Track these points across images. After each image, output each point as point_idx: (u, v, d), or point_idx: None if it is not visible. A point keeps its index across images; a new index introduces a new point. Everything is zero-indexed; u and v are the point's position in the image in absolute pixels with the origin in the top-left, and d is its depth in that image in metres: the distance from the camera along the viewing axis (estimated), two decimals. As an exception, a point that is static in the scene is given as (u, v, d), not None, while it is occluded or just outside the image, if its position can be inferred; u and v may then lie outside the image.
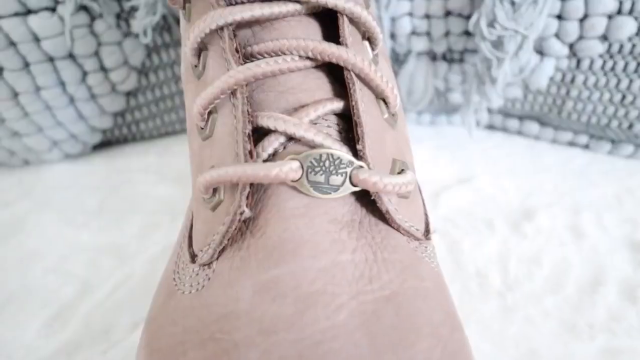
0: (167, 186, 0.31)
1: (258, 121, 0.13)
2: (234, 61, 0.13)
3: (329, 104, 0.13)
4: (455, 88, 0.36)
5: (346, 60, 0.13)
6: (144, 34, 0.31)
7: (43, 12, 0.29)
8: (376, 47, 0.15)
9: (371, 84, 0.13)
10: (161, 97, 0.35)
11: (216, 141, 0.13)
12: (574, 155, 0.35)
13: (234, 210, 0.12)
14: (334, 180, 0.12)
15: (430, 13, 0.33)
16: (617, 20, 0.28)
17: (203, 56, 0.14)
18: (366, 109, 0.13)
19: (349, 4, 0.13)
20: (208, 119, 0.13)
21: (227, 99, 0.13)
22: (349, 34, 0.13)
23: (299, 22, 0.14)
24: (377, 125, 0.13)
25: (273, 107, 0.13)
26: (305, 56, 0.13)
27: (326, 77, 0.14)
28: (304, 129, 0.12)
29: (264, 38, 0.14)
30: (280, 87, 0.13)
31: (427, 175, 0.31)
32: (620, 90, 0.31)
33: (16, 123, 0.31)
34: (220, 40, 0.13)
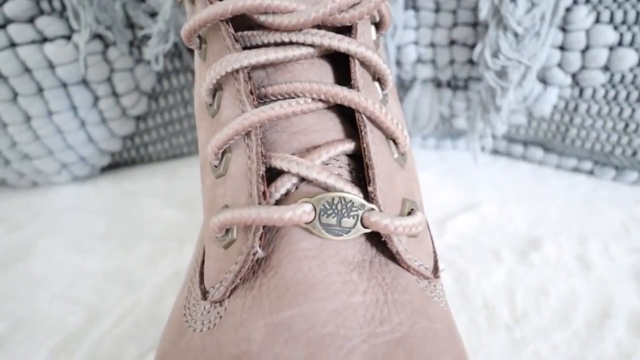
0: (174, 210, 0.31)
1: (271, 162, 0.13)
2: (248, 103, 0.13)
3: (340, 145, 0.13)
4: (459, 114, 0.36)
5: (358, 103, 0.13)
6: (156, 61, 0.31)
7: (59, 40, 0.29)
8: (386, 87, 0.15)
9: (382, 125, 0.14)
10: (170, 121, 0.36)
11: (230, 180, 0.13)
12: (578, 182, 0.35)
13: (247, 250, 0.12)
14: (345, 222, 0.12)
15: (435, 42, 0.34)
16: (618, 51, 0.29)
17: (218, 96, 0.14)
18: (377, 150, 0.13)
19: (360, 48, 0.14)
20: (222, 157, 0.14)
21: (241, 139, 0.13)
22: (360, 76, 0.14)
23: (312, 64, 0.14)
24: (387, 167, 0.14)
25: (286, 147, 0.14)
26: (317, 98, 0.14)
27: (337, 117, 0.14)
28: (316, 171, 0.13)
29: (277, 79, 0.14)
30: (293, 128, 0.14)
31: (432, 202, 0.32)
32: (623, 118, 0.31)
33: (27, 146, 0.32)
34: (235, 81, 0.14)
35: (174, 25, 0.31)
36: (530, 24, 0.29)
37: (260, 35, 0.14)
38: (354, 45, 0.14)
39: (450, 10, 0.32)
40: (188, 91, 0.35)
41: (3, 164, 0.33)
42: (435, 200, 0.32)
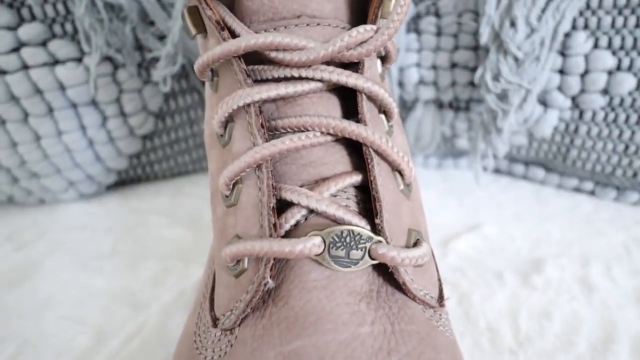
0: (179, 229, 0.31)
1: (282, 194, 0.13)
2: (259, 136, 0.14)
3: (348, 178, 0.14)
4: (461, 134, 0.37)
5: (365, 138, 0.14)
6: (164, 82, 0.32)
7: (70, 63, 0.30)
8: (391, 119, 0.16)
9: (388, 158, 0.14)
10: (176, 140, 0.37)
11: (241, 210, 0.14)
12: (580, 202, 0.35)
13: (258, 280, 0.13)
14: (354, 254, 0.13)
15: (437, 64, 0.34)
16: (616, 76, 0.30)
17: (229, 127, 0.15)
18: (383, 182, 0.14)
19: (367, 83, 0.14)
20: (233, 188, 0.14)
21: (252, 171, 0.14)
22: (367, 110, 0.14)
23: (320, 98, 0.15)
24: (393, 198, 0.14)
25: (295, 179, 0.14)
26: (326, 132, 0.14)
27: (345, 149, 0.15)
28: (325, 204, 0.13)
29: (287, 112, 0.15)
30: (303, 160, 0.14)
31: (435, 222, 0.32)
32: (622, 140, 0.32)
33: (36, 165, 0.33)
34: (246, 114, 0.14)
35: (182, 47, 0.32)
36: (530, 49, 0.29)
37: (271, 69, 0.14)
38: (361, 80, 0.14)
39: (452, 34, 0.33)
40: (194, 111, 0.36)
41: (11, 181, 0.33)
42: (437, 221, 0.32)
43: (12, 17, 0.28)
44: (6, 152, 0.31)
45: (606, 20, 0.29)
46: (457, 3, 0.32)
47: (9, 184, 0.33)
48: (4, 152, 0.31)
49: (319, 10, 0.15)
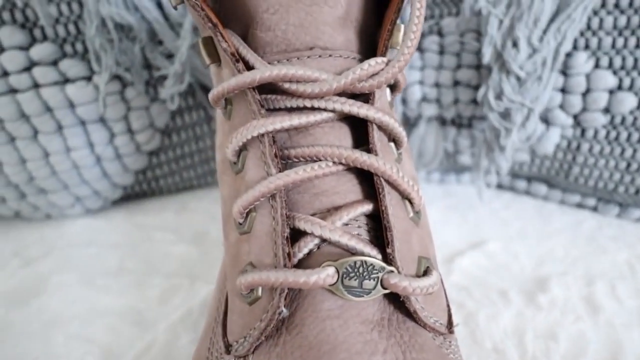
0: (184, 245, 0.32)
1: (295, 223, 0.14)
2: (273, 166, 0.14)
3: (359, 207, 0.14)
4: (464, 151, 0.37)
5: (377, 168, 0.14)
6: (171, 100, 0.33)
7: (80, 81, 0.31)
8: (401, 147, 0.16)
9: (398, 188, 0.14)
10: (181, 155, 0.37)
11: (254, 238, 0.14)
12: (583, 218, 0.35)
13: (272, 309, 0.13)
14: (366, 284, 0.13)
15: (440, 82, 0.35)
16: (617, 95, 0.30)
17: (242, 155, 0.15)
18: (394, 212, 0.14)
19: (378, 114, 0.15)
20: (247, 216, 0.15)
21: (266, 201, 0.14)
22: (378, 140, 0.15)
23: (332, 127, 0.15)
24: (404, 227, 0.14)
25: (308, 207, 0.14)
26: (338, 162, 0.14)
27: (356, 178, 0.15)
28: (338, 234, 0.13)
29: (300, 142, 0.15)
30: (315, 189, 0.14)
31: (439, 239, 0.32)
32: (624, 158, 0.32)
33: (44, 181, 0.33)
34: (260, 144, 0.14)
35: (189, 66, 0.32)
36: (532, 69, 0.30)
37: (284, 99, 0.15)
38: (372, 111, 0.15)
39: (454, 52, 0.34)
40: (200, 127, 0.36)
41: (19, 197, 0.34)
42: (441, 238, 0.32)
43: (24, 37, 0.29)
44: (15, 169, 0.32)
45: (607, 41, 0.29)
46: (459, 23, 0.33)
47: (16, 200, 0.34)
48: (13, 168, 0.32)
49: (330, 42, 0.15)
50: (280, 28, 0.15)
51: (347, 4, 0.16)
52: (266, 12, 0.15)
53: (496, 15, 0.30)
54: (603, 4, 0.29)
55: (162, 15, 0.31)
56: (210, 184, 0.40)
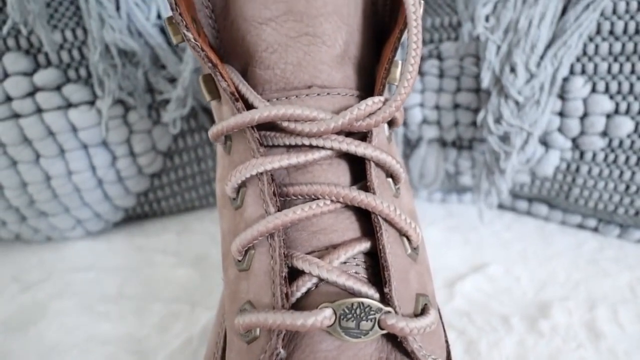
0: (185, 268, 0.32)
1: (293, 262, 0.14)
2: (271, 204, 0.14)
3: (357, 245, 0.14)
4: (465, 172, 0.38)
5: (374, 207, 0.14)
6: (174, 125, 0.33)
7: (83, 106, 0.31)
8: (399, 182, 0.16)
9: (396, 225, 0.15)
10: (183, 177, 0.37)
11: (253, 277, 0.14)
12: (584, 239, 0.35)
13: (270, 350, 0.13)
14: (364, 325, 0.13)
15: (440, 105, 0.35)
16: (615, 119, 0.30)
17: (242, 192, 0.15)
18: (392, 250, 0.14)
19: (375, 152, 0.15)
20: (245, 254, 0.15)
21: (264, 239, 0.14)
22: (375, 177, 0.15)
23: (330, 164, 0.15)
24: (401, 264, 0.14)
25: (306, 245, 0.14)
26: (336, 200, 0.14)
27: (354, 215, 0.15)
28: (336, 275, 0.13)
29: (298, 179, 0.15)
30: (313, 227, 0.15)
31: (440, 261, 0.32)
32: (623, 180, 0.32)
33: (45, 204, 0.33)
34: (259, 182, 0.15)
35: (192, 90, 0.33)
36: (530, 93, 0.30)
37: (283, 137, 0.15)
38: (369, 149, 0.15)
39: (454, 76, 0.34)
40: (202, 149, 0.37)
41: (19, 220, 0.34)
42: (443, 260, 0.32)
43: (28, 63, 0.29)
44: (16, 192, 0.32)
45: (603, 66, 0.30)
46: (458, 48, 0.33)
47: (17, 223, 0.34)
48: (14, 192, 0.32)
49: (329, 80, 0.16)
50: (279, 67, 0.15)
51: (344, 43, 0.16)
52: (265, 51, 0.15)
53: (494, 41, 0.31)
54: (598, 31, 0.29)
55: (165, 41, 0.32)
56: (211, 204, 0.40)
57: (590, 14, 0.29)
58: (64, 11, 0.30)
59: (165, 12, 0.32)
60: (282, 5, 0.15)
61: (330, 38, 0.15)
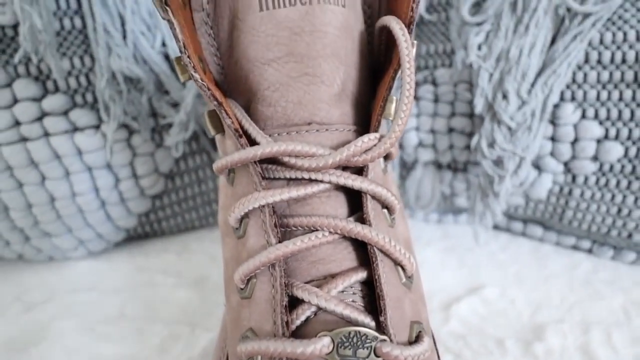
0: (185, 290, 0.32)
1: (293, 291, 0.15)
2: (273, 235, 0.15)
3: (354, 274, 0.15)
4: (460, 194, 0.38)
5: (370, 239, 0.15)
6: (176, 148, 0.34)
7: (89, 130, 0.32)
8: (394, 213, 0.17)
9: (391, 256, 0.15)
10: (184, 198, 0.38)
11: (255, 305, 0.15)
12: (578, 261, 0.36)
13: (271, 377, 0.13)
14: (360, 353, 0.14)
15: (435, 129, 0.36)
16: (604, 144, 0.31)
17: (244, 223, 0.16)
18: (387, 279, 0.15)
19: (371, 185, 0.16)
20: (247, 282, 0.15)
21: (266, 269, 0.15)
22: (371, 209, 0.16)
23: (328, 197, 0.16)
24: (396, 293, 0.15)
25: (305, 275, 0.15)
26: (334, 232, 0.15)
27: (351, 245, 0.16)
28: (334, 304, 0.14)
29: (298, 211, 0.16)
30: (312, 257, 0.15)
31: (436, 283, 0.32)
32: (615, 203, 0.33)
33: (49, 225, 0.34)
34: (261, 214, 0.15)
35: (194, 114, 0.34)
36: (522, 119, 0.31)
37: (284, 170, 0.16)
38: (365, 183, 0.16)
39: (448, 101, 0.35)
40: (202, 170, 0.38)
41: (23, 240, 0.34)
42: (439, 282, 0.33)
43: (37, 89, 0.30)
44: (21, 214, 0.33)
45: (592, 94, 0.31)
46: (452, 74, 0.34)
47: (20, 243, 0.34)
48: (19, 213, 0.33)
49: (327, 117, 0.17)
50: (281, 104, 0.16)
51: (342, 82, 0.17)
52: (267, 89, 0.16)
53: (486, 69, 0.32)
54: (586, 60, 0.31)
55: (169, 67, 0.33)
56: (211, 224, 0.41)
57: (578, 44, 0.30)
58: (73, 39, 0.31)
59: (169, 40, 0.33)
60: (283, 47, 0.16)
61: (329, 78, 0.16)
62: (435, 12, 0.35)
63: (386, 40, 0.18)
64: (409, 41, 0.15)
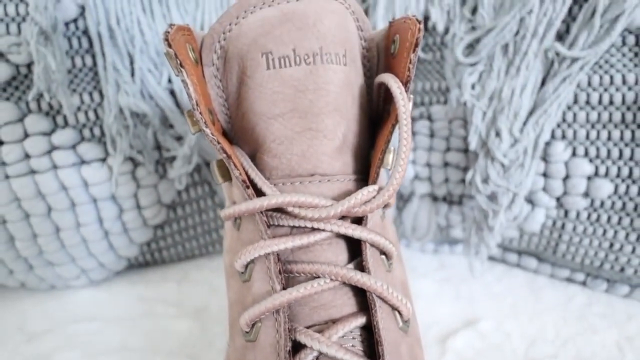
0: (185, 320, 0.32)
1: (296, 336, 0.15)
2: (277, 282, 0.16)
3: (354, 320, 0.16)
4: (456, 225, 0.39)
5: (369, 286, 0.16)
6: (179, 181, 0.35)
7: (95, 163, 0.33)
8: (391, 258, 0.18)
9: (388, 302, 0.16)
10: (185, 228, 0.39)
11: (259, 349, 0.15)
12: (573, 294, 0.36)
13: None
14: (360, 396, 0.14)
15: (431, 162, 0.37)
16: (595, 181, 0.32)
17: (250, 268, 0.17)
18: (385, 324, 0.16)
19: (370, 235, 0.17)
20: (252, 326, 0.16)
21: (270, 315, 0.16)
22: (370, 256, 0.17)
23: (329, 244, 0.17)
24: (394, 338, 0.16)
25: (307, 319, 0.16)
26: (335, 279, 0.16)
27: (351, 291, 0.17)
28: (335, 349, 0.15)
29: (301, 258, 0.17)
30: (314, 303, 0.16)
31: (432, 316, 0.33)
32: (607, 238, 0.34)
33: (52, 254, 0.34)
34: (266, 260, 0.16)
35: (197, 148, 0.35)
36: (514, 157, 0.33)
37: (288, 219, 0.17)
38: (365, 233, 0.16)
39: (444, 137, 0.37)
40: (204, 201, 0.38)
41: (27, 269, 0.35)
42: (435, 315, 0.33)
43: (48, 124, 0.32)
44: (26, 244, 0.33)
45: (581, 133, 0.32)
46: (447, 111, 0.36)
47: (24, 272, 0.35)
48: (24, 243, 0.33)
49: (329, 169, 0.18)
50: (286, 157, 0.17)
51: (343, 135, 0.18)
52: (273, 142, 0.18)
53: (480, 108, 0.33)
54: (575, 101, 0.32)
55: (174, 103, 0.34)
56: (211, 252, 0.42)
57: (567, 86, 0.32)
58: (83, 77, 0.32)
59: (174, 76, 0.34)
60: (288, 104, 0.17)
61: (331, 132, 0.18)
62: (431, 52, 0.37)
63: (384, 93, 0.19)
64: (406, 99, 0.16)
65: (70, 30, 0.32)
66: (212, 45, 0.18)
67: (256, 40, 0.17)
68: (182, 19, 0.34)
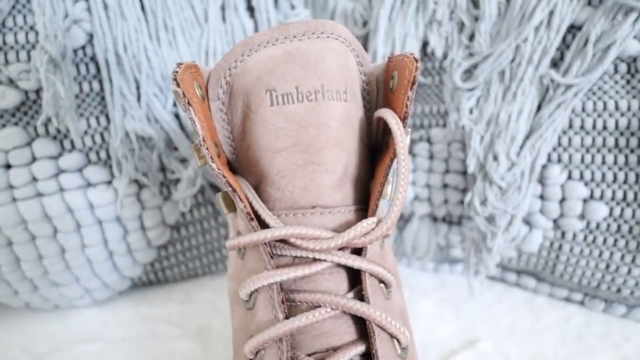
0: (188, 341, 0.33)
1: None
2: (280, 311, 0.16)
3: (353, 348, 0.16)
4: (455, 245, 0.40)
5: (369, 315, 0.16)
6: (184, 203, 0.35)
7: (101, 185, 0.34)
8: (390, 287, 0.18)
9: (387, 330, 0.17)
10: (188, 248, 0.39)
11: None
12: (571, 314, 0.37)
13: None
14: None
15: (430, 184, 0.38)
16: (590, 204, 0.33)
17: (254, 297, 0.17)
18: (384, 352, 0.16)
19: (369, 265, 0.17)
20: (257, 354, 0.17)
21: (274, 343, 0.16)
22: (370, 285, 0.17)
23: (330, 274, 0.18)
24: (393, 366, 0.16)
25: (309, 347, 0.16)
26: (336, 308, 0.17)
27: (351, 319, 0.17)
28: None
29: (303, 287, 0.17)
30: (315, 331, 0.17)
31: (432, 336, 0.33)
32: (603, 259, 0.34)
33: (57, 275, 0.35)
34: (269, 290, 0.17)
35: (202, 170, 0.35)
36: (512, 180, 0.33)
37: (290, 250, 0.17)
38: (364, 263, 0.17)
39: (443, 159, 0.37)
40: (207, 221, 0.39)
41: (32, 290, 0.35)
42: (434, 335, 0.33)
43: (55, 148, 0.32)
44: (32, 265, 0.34)
45: (576, 157, 0.33)
46: (446, 134, 0.37)
47: (29, 293, 0.35)
48: (30, 264, 0.34)
49: (330, 201, 0.18)
50: (288, 189, 0.18)
51: (344, 168, 0.19)
52: (277, 175, 0.18)
53: (478, 132, 0.34)
54: (570, 126, 0.33)
55: (178, 126, 0.35)
56: (213, 272, 0.42)
57: (562, 111, 0.32)
58: (90, 101, 0.33)
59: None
60: (292, 138, 0.18)
61: (332, 166, 0.18)
62: (430, 76, 0.38)
63: (383, 126, 0.20)
64: (404, 135, 0.17)
65: (78, 57, 0.33)
66: (219, 81, 0.19)
67: (260, 78, 0.18)
68: (188, 45, 0.35)
